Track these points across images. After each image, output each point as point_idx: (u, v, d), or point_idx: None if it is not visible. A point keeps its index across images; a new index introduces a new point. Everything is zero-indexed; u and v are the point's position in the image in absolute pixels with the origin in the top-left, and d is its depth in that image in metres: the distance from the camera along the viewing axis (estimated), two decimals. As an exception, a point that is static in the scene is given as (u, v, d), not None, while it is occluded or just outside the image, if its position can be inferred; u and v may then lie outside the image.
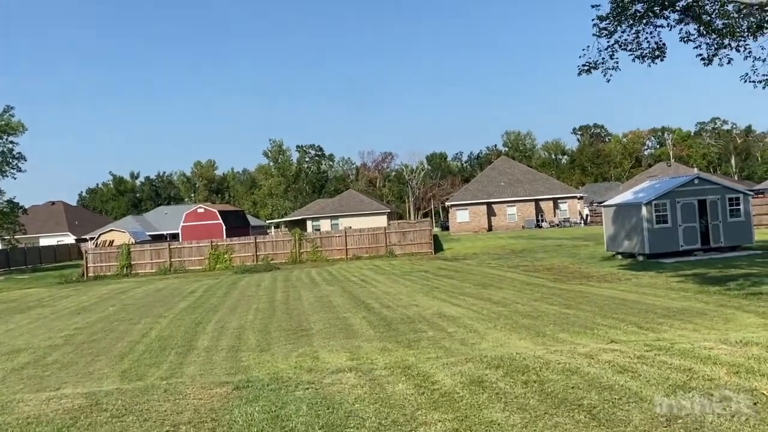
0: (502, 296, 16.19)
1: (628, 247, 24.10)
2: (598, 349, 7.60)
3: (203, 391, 6.72)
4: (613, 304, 13.73)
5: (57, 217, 74.12)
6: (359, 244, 37.53)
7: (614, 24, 18.06)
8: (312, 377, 7.20)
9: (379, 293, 18.87)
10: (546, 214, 58.99)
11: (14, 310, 21.94)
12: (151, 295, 23.82)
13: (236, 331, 13.34)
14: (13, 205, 44.78)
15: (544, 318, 12.28)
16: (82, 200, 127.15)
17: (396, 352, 9.75)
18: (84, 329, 15.46)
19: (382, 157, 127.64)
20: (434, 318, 13.22)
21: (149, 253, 37.60)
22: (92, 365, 10.64)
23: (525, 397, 5.73)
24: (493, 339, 10.35)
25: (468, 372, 6.76)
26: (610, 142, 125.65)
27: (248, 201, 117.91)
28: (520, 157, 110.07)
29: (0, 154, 43.72)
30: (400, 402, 5.82)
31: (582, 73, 18.03)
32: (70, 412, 6.06)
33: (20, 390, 8.90)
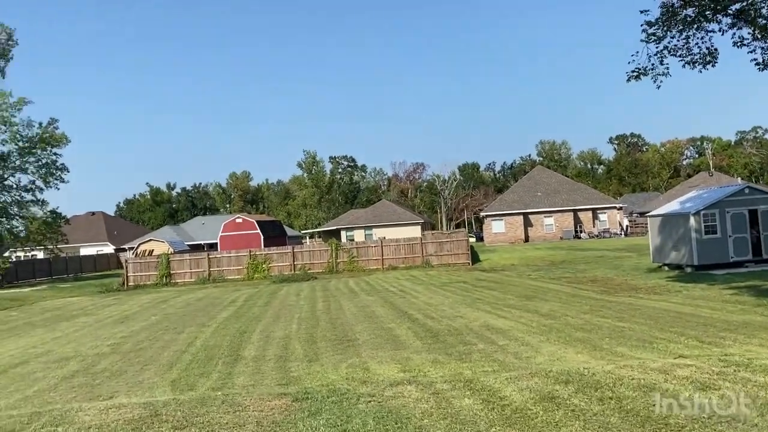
0: (549, 308, 15.78)
1: (675, 258, 23.41)
2: (671, 365, 7.23)
3: (262, 402, 6.55)
4: (668, 317, 13.25)
5: (97, 227, 75.61)
6: (395, 255, 37.31)
7: (663, 29, 17.64)
8: (370, 390, 6.99)
9: (421, 304, 18.60)
10: (585, 224, 58.00)
11: (60, 318, 22.25)
12: (192, 304, 23.94)
13: (282, 341, 13.22)
14: (56, 215, 45.68)
15: (598, 331, 11.88)
16: (120, 211, 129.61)
17: (448, 364, 9.49)
18: (129, 338, 15.52)
19: (413, 168, 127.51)
20: (482, 330, 12.90)
21: (188, 263, 37.94)
22: (141, 374, 10.60)
23: (604, 415, 5.42)
24: (548, 353, 10.01)
25: (536, 387, 6.47)
26: (647, 151, 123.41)
27: (282, 211, 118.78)
28: (555, 167, 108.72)
29: (44, 166, 44.63)
30: (471, 418, 5.57)
31: (631, 79, 17.64)
32: (131, 422, 5.95)
33: (73, 398, 8.87)
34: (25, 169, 44.04)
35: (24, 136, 43.16)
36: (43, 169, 44.52)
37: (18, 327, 20.43)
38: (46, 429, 5.96)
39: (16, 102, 42.35)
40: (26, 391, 9.89)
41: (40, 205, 44.83)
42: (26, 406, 8.49)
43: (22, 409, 7.83)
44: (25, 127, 43.13)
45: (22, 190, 44.30)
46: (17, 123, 42.67)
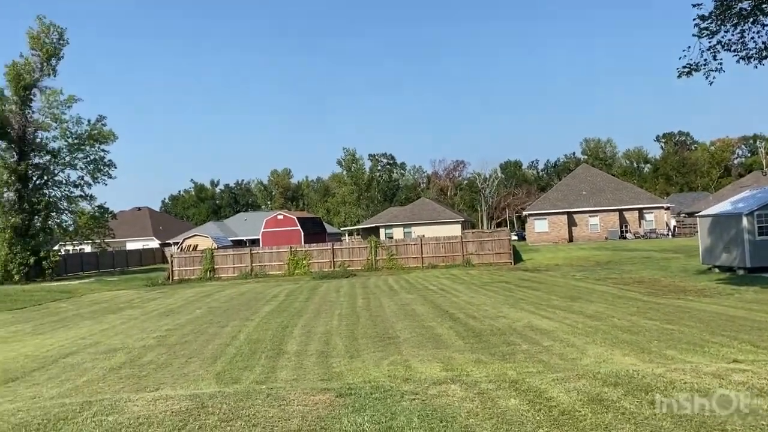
0: (594, 309, 15.46)
1: (726, 260, 22.71)
2: (726, 369, 6.98)
3: (306, 397, 6.56)
4: (720, 321, 12.84)
5: (143, 223, 77.40)
6: (435, 253, 37.14)
7: (717, 23, 17.11)
8: (413, 387, 6.93)
9: (462, 303, 18.45)
10: (631, 224, 56.75)
11: (107, 311, 22.83)
12: (235, 298, 24.29)
13: (323, 336, 13.28)
14: (103, 210, 46.88)
15: (646, 333, 11.58)
16: (165, 206, 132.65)
17: (491, 364, 9.36)
18: (174, 331, 15.81)
19: (453, 165, 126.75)
20: (526, 330, 12.72)
21: (231, 258, 38.53)
22: (186, 367, 10.77)
23: (656, 419, 5.25)
24: (595, 354, 9.78)
25: (584, 389, 6.31)
26: (696, 150, 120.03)
27: (322, 208, 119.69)
28: (600, 165, 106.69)
29: (92, 162, 45.86)
30: (518, 418, 5.47)
31: (682, 75, 17.18)
32: (178, 414, 6.03)
33: (121, 389, 9.06)
34: (74, 165, 45.35)
35: (73, 133, 44.46)
36: (92, 165, 45.75)
37: (68, 318, 21.04)
38: (97, 418, 6.08)
39: (66, 99, 43.65)
40: (77, 380, 10.16)
41: (89, 200, 46.15)
42: (77, 395, 8.71)
43: (73, 398, 8.03)
44: (74, 124, 44.46)
45: (71, 186, 45.64)
46: (67, 120, 44.03)
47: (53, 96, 43.13)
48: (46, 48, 42.47)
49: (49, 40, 42.79)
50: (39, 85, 43.06)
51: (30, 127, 42.77)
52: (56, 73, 43.73)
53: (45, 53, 42.50)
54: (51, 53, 42.78)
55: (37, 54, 42.60)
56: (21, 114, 42.14)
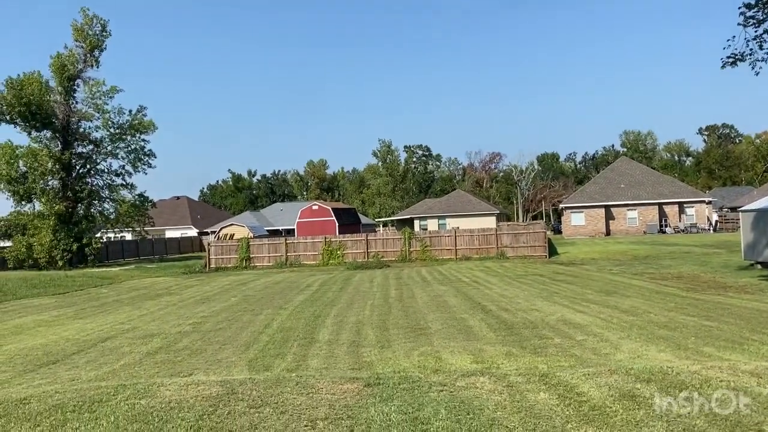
0: (630, 304, 15.17)
1: (769, 256, 22.01)
2: (765, 368, 6.78)
3: (334, 386, 6.60)
4: (761, 318, 12.48)
5: (181, 211, 78.84)
6: (469, 245, 36.91)
7: (764, 12, 16.51)
8: (442, 379, 6.91)
9: (495, 296, 18.31)
10: (670, 218, 55.50)
11: (145, 297, 23.33)
12: (269, 287, 24.56)
13: (355, 326, 13.33)
14: (143, 199, 47.86)
15: (683, 330, 11.31)
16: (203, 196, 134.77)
17: (522, 357, 9.27)
18: (209, 318, 16.07)
19: (489, 158, 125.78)
20: (559, 324, 12.55)
21: (267, 247, 38.95)
22: (220, 353, 10.93)
23: (689, 417, 5.13)
24: (629, 350, 9.60)
25: (616, 384, 6.21)
26: (740, 143, 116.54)
27: (357, 199, 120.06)
28: (640, 158, 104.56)
29: (133, 152, 46.82)
30: (546, 413, 5.40)
31: (726, 65, 16.64)
32: (208, 399, 6.13)
33: (156, 374, 9.25)
34: (115, 154, 46.38)
35: (115, 123, 45.46)
36: (132, 154, 46.73)
37: (107, 304, 21.57)
38: (130, 401, 6.22)
39: (109, 90, 44.59)
40: (114, 364, 10.40)
41: (129, 188, 47.14)
42: (113, 378, 8.93)
43: (109, 381, 8.24)
44: (116, 114, 45.45)
45: (112, 174, 46.71)
46: (109, 110, 45.02)
47: (96, 87, 44.15)
48: (90, 39, 43.40)
49: (92, 31, 43.70)
50: (82, 75, 44.10)
51: (74, 117, 43.86)
52: (99, 64, 44.72)
53: (88, 45, 43.45)
54: (94, 45, 43.69)
55: (81, 45, 43.58)
56: (65, 104, 43.23)
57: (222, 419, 5.50)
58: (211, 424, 5.39)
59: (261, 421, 5.41)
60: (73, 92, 43.90)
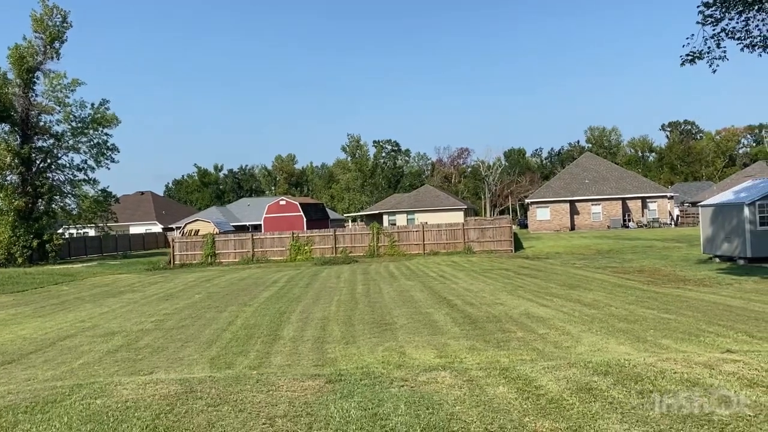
0: (592, 298, 15.43)
1: (727, 250, 22.62)
2: (717, 359, 6.94)
3: (295, 383, 6.56)
4: (717, 310, 12.80)
5: (146, 207, 77.57)
6: (437, 240, 37.11)
7: (722, 11, 16.90)
8: (404, 374, 6.92)
9: (461, 290, 18.44)
10: (633, 213, 56.58)
11: (107, 294, 22.91)
12: (235, 283, 24.33)
13: (320, 322, 13.29)
14: (106, 194, 46.95)
15: (642, 323, 11.55)
16: (168, 191, 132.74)
17: (485, 351, 9.36)
18: (172, 315, 15.85)
19: (458, 153, 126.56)
20: (522, 318, 12.70)
21: (233, 243, 38.57)
22: (182, 351, 10.80)
23: (643, 409, 5.23)
24: (589, 343, 9.77)
25: (573, 377, 6.29)
26: (701, 139, 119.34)
27: (326, 195, 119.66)
28: (605, 154, 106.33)
29: (95, 146, 45.85)
30: (504, 406, 5.45)
31: (685, 63, 16.99)
32: (166, 398, 6.04)
33: (115, 372, 9.09)
34: (77, 148, 45.39)
35: (77, 117, 44.49)
36: (95, 148, 45.79)
37: (68, 301, 21.12)
38: (85, 401, 6.09)
39: (70, 83, 43.60)
40: (72, 363, 10.19)
41: (92, 183, 46.18)
42: (70, 377, 8.74)
43: (66, 381, 8.06)
44: (78, 108, 44.50)
45: (74, 169, 45.71)
46: (71, 104, 44.03)
47: (57, 79, 43.11)
48: (50, 31, 42.35)
49: (53, 22, 42.65)
50: (42, 68, 43.03)
51: (33, 110, 42.78)
52: (60, 57, 43.68)
53: (48, 36, 42.39)
54: (54, 36, 42.65)
55: (41, 37, 42.49)
56: (24, 97, 42.13)
57: (179, 418, 5.42)
58: (168, 423, 5.31)
59: (218, 419, 5.34)
60: (33, 85, 42.80)
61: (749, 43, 17.01)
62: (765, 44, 16.97)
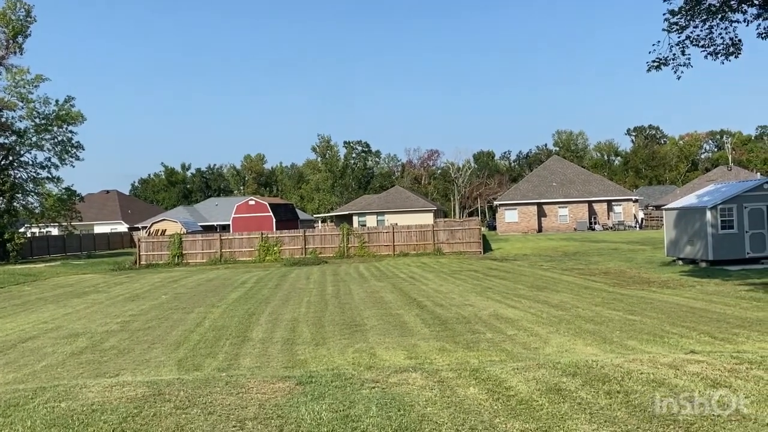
0: (560, 299, 15.65)
1: (690, 252, 23.13)
2: (682, 360, 7.10)
3: (266, 385, 6.51)
4: (681, 312, 13.08)
5: (111, 206, 76.12)
6: (407, 241, 37.21)
7: (687, 18, 17.27)
8: (375, 375, 6.92)
9: (430, 291, 18.54)
10: (599, 216, 57.55)
11: (71, 295, 22.43)
12: (202, 284, 24.04)
13: (290, 324, 13.22)
14: (70, 192, 45.95)
15: (609, 324, 11.75)
16: (134, 190, 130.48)
17: (455, 353, 9.43)
18: (138, 316, 15.60)
19: (428, 155, 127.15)
20: (491, 319, 12.82)
21: (200, 243, 38.11)
22: (148, 353, 10.63)
23: (611, 409, 5.32)
24: (557, 344, 9.91)
25: (543, 378, 6.37)
26: (665, 144, 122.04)
27: (296, 195, 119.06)
28: (572, 158, 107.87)
29: (60, 143, 44.87)
30: (475, 408, 5.49)
31: (651, 69, 17.32)
32: (133, 401, 5.93)
33: (80, 375, 8.91)
34: (41, 146, 44.32)
35: (41, 113, 43.42)
36: (59, 146, 44.80)
37: (30, 302, 20.62)
38: (49, 404, 5.95)
39: (34, 79, 42.55)
40: (35, 366, 9.96)
41: (55, 182, 45.18)
42: (33, 380, 8.54)
43: (28, 384, 7.87)
44: (42, 104, 43.44)
45: (37, 167, 44.66)
46: (34, 100, 42.98)
47: (20, 75, 42.04)
48: (12, 25, 41.30)
49: (16, 16, 41.60)
50: (4, 63, 41.93)
51: (-6, 106, 41.65)
52: (23, 51, 42.67)
53: (11, 30, 41.35)
54: (18, 30, 41.63)
55: (3, 31, 41.42)
56: (-15, 92, 41.01)
57: (147, 421, 5.33)
58: (135, 426, 5.22)
59: (188, 422, 5.27)
60: (-6, 80, 41.67)
61: (713, 50, 17.42)
62: (727, 52, 17.40)
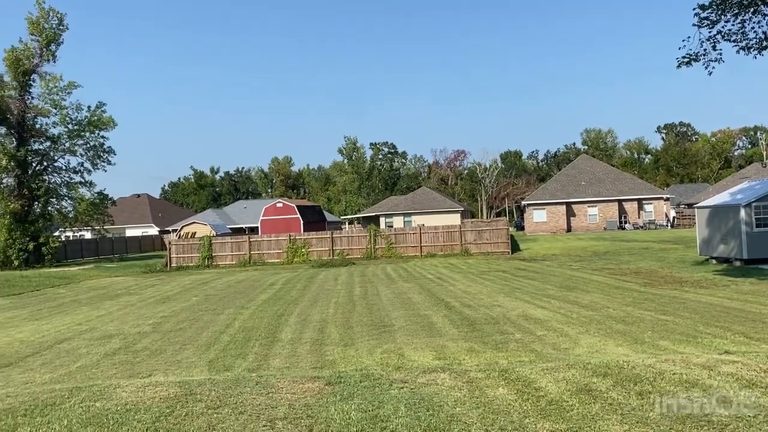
0: (590, 300, 15.46)
1: (723, 251, 22.69)
2: (716, 360, 6.97)
3: (295, 385, 6.56)
4: (714, 312, 12.83)
5: (142, 210, 77.38)
6: (434, 242, 37.12)
7: (717, 13, 16.96)
8: (403, 376, 6.93)
9: (458, 292, 18.46)
10: (630, 215, 56.71)
11: (104, 297, 22.86)
12: (232, 286, 24.30)
13: (318, 324, 13.29)
14: (102, 196, 46.81)
15: (640, 324, 11.58)
16: (164, 194, 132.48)
17: (484, 353, 9.38)
18: (170, 318, 15.83)
19: (454, 155, 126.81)
20: (520, 320, 12.73)
21: (230, 246, 38.51)
22: (180, 354, 10.79)
23: (643, 410, 5.25)
24: (587, 344, 9.79)
25: (573, 379, 6.31)
26: (697, 141, 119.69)
27: (323, 197, 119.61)
28: (601, 156, 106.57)
29: (92, 148, 45.72)
30: (505, 408, 5.46)
31: (681, 65, 17.05)
32: (166, 400, 6.03)
33: (114, 375, 9.08)
34: (74, 151, 45.20)
35: (73, 119, 44.34)
36: (91, 151, 45.65)
37: (65, 304, 21.07)
38: (84, 403, 6.08)
39: (66, 86, 43.47)
40: (70, 366, 10.18)
41: (88, 186, 46.01)
42: (69, 380, 8.73)
43: (64, 384, 8.04)
44: (74, 111, 44.33)
45: (71, 172, 45.55)
46: (67, 106, 43.89)
47: (53, 82, 42.99)
48: (46, 33, 42.23)
49: (49, 25, 42.54)
50: (38, 70, 42.87)
51: (29, 113, 42.63)
52: (56, 59, 43.56)
53: (44, 39, 42.27)
54: (50, 38, 42.53)
55: (37, 39, 42.36)
56: (20, 100, 42.02)
57: (179, 420, 5.41)
58: (168, 425, 5.30)
59: (219, 422, 5.34)
60: (29, 87, 42.67)
61: (745, 45, 17.07)
62: (760, 46, 17.04)
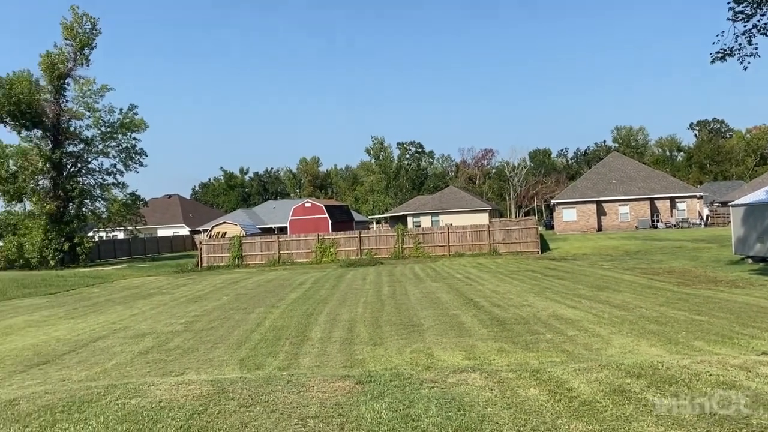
0: (621, 299, 15.24)
1: (760, 250, 22.16)
2: (754, 362, 6.81)
3: (326, 384, 6.59)
4: (751, 312, 12.54)
5: (173, 210, 78.55)
6: (462, 241, 36.96)
7: (753, 6, 16.59)
8: (433, 375, 6.91)
9: (487, 292, 18.35)
10: (662, 213, 55.73)
11: (137, 296, 23.25)
12: (262, 285, 24.52)
13: (348, 324, 13.33)
14: (135, 197, 47.63)
15: (674, 324, 11.37)
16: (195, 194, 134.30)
17: (514, 353, 9.31)
18: (202, 317, 16.03)
19: (482, 154, 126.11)
20: (550, 320, 12.59)
21: (259, 245, 38.87)
22: (212, 352, 10.91)
23: (678, 412, 5.15)
24: (620, 345, 9.65)
25: (606, 380, 6.22)
26: (731, 138, 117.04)
27: (350, 197, 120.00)
28: (632, 154, 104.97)
29: (124, 150, 46.59)
30: (537, 409, 5.41)
31: (715, 60, 16.72)
32: (199, 398, 6.11)
33: (147, 373, 9.23)
34: (106, 153, 46.10)
35: (106, 122, 45.21)
36: (123, 153, 46.51)
37: (99, 303, 21.48)
38: (120, 401, 6.20)
39: (99, 89, 44.35)
40: (105, 364, 10.37)
41: (121, 187, 46.89)
42: (104, 378, 8.90)
43: (100, 381, 8.21)
44: (107, 113, 45.19)
45: (104, 173, 46.48)
46: (100, 109, 44.79)
47: (86, 85, 43.91)
48: (80, 38, 43.11)
49: (83, 30, 43.40)
50: (73, 74, 43.82)
51: (64, 115, 43.61)
52: (89, 63, 44.45)
53: (78, 43, 43.16)
54: (84, 43, 43.40)
55: (71, 44, 43.27)
56: (55, 103, 43.00)
57: (212, 418, 5.48)
58: (201, 423, 5.38)
59: (251, 420, 5.39)
60: (63, 91, 43.65)
61: (782, 39, 16.65)
62: (798, 40, 16.61)
